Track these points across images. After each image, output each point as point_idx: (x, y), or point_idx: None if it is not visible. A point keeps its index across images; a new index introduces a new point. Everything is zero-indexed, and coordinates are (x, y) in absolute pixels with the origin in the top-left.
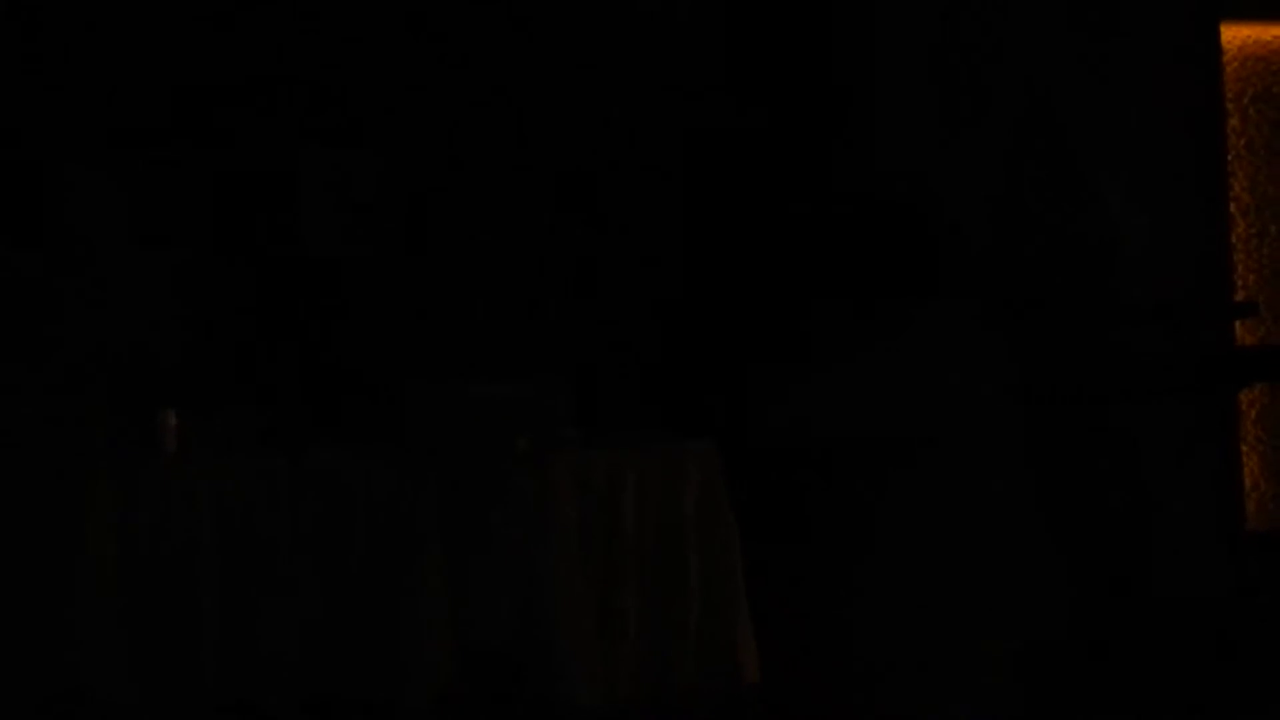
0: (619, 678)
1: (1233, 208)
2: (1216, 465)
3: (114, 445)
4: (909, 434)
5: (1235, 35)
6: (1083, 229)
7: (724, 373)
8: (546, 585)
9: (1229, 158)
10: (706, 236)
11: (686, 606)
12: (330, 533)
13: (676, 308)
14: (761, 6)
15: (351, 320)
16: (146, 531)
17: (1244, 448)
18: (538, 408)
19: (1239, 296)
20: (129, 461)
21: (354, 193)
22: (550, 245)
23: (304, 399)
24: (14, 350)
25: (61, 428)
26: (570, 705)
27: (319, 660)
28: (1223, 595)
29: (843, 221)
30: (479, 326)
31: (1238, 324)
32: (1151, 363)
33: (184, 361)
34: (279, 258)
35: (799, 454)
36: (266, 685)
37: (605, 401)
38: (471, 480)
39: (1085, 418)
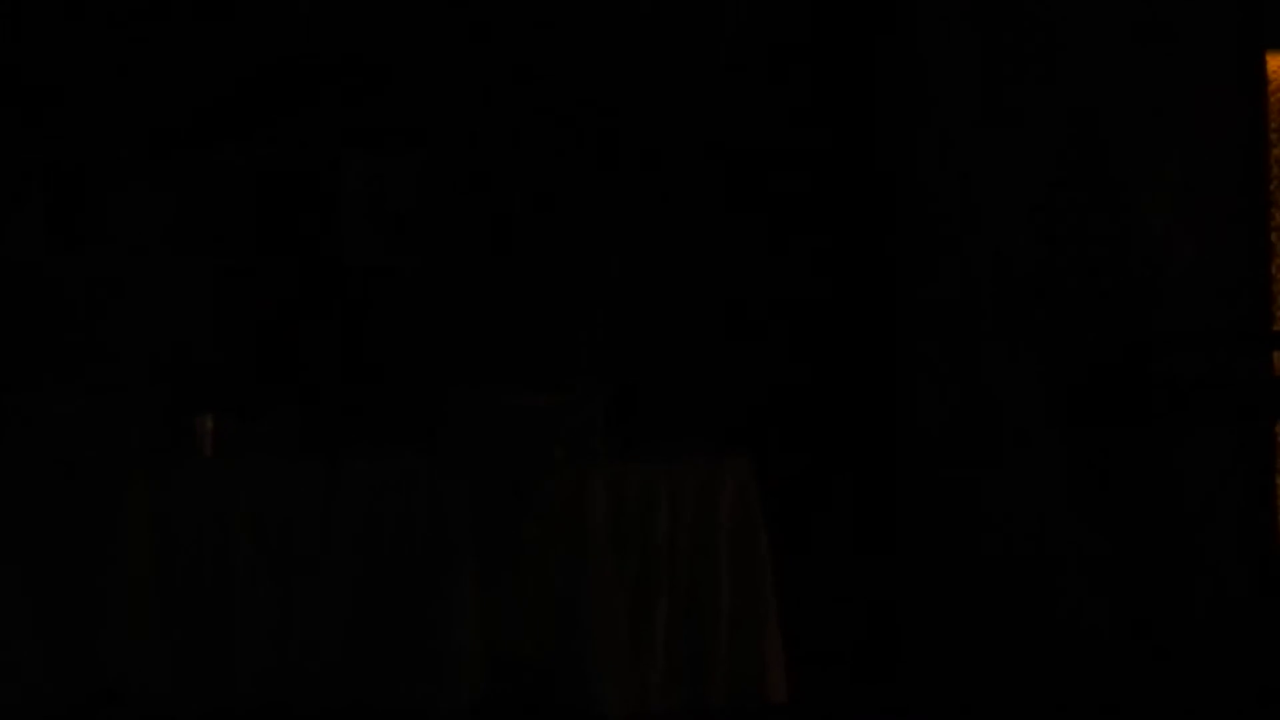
0: (649, 691)
1: (1274, 237)
2: (1254, 493)
3: (152, 448)
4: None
5: None
6: (1126, 256)
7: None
8: (579, 596)
9: (1271, 187)
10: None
11: (717, 622)
12: (365, 539)
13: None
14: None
15: (390, 326)
16: (183, 534)
17: None
18: (574, 418)
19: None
20: (166, 464)
21: (394, 199)
22: (597, 254)
23: (342, 404)
24: (56, 352)
25: (101, 430)
26: (600, 717)
27: (352, 666)
28: (1257, 621)
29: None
30: (518, 335)
31: (1277, 354)
32: (1192, 391)
33: (224, 365)
34: (320, 264)
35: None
36: (300, 690)
37: (643, 413)
38: (506, 490)
39: (1126, 442)
